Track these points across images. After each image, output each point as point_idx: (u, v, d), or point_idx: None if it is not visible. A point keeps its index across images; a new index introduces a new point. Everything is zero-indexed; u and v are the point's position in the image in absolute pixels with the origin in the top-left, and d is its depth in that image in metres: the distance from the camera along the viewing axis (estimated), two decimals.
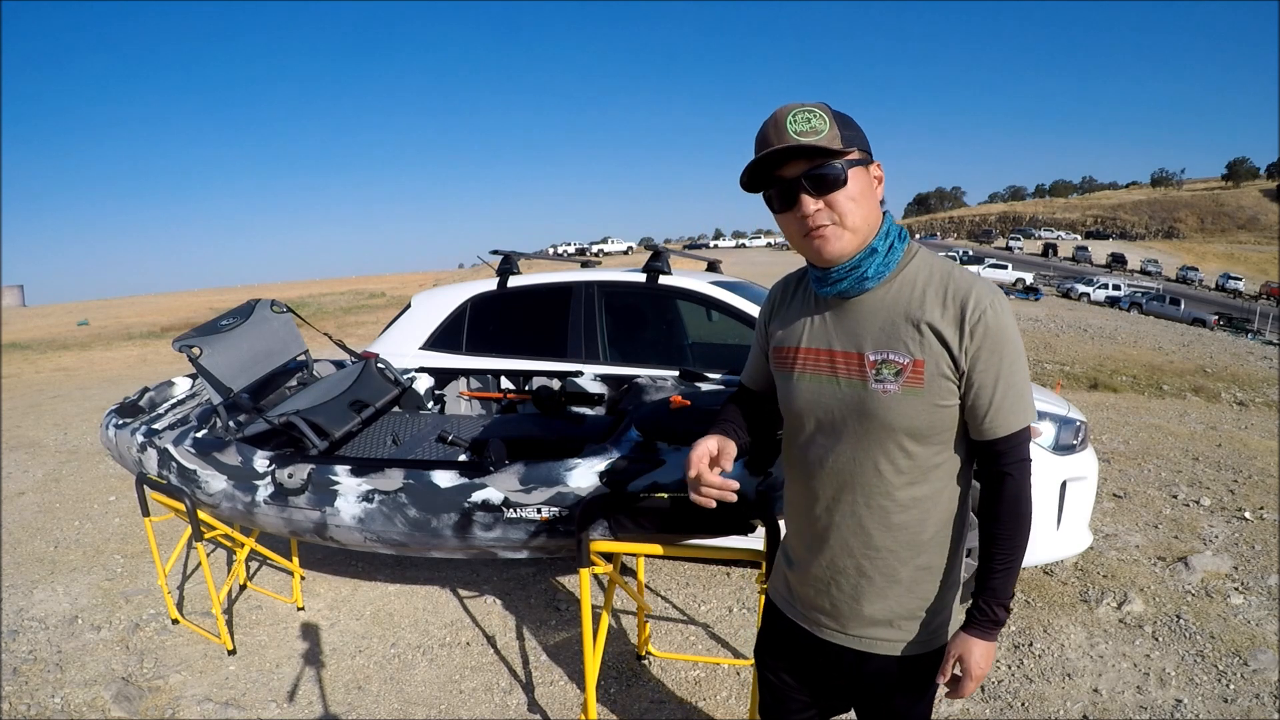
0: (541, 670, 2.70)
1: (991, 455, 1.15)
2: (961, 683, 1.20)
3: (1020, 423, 1.13)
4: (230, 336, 2.73)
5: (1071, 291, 33.23)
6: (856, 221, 1.14)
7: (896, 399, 1.12)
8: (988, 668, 1.20)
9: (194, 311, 29.35)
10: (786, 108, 1.12)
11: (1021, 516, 1.16)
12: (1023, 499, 1.16)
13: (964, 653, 1.19)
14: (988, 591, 1.18)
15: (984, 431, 1.14)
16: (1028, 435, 1.16)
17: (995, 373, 1.11)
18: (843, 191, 1.12)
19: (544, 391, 3.15)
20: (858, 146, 1.13)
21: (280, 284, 67.30)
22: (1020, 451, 1.15)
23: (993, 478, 1.16)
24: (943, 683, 1.22)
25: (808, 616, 1.31)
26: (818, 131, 1.09)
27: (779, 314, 1.32)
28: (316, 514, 2.22)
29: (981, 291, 1.11)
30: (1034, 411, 1.15)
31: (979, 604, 1.19)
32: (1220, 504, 4.33)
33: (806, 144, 1.09)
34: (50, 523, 4.25)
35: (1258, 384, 11.92)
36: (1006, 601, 1.18)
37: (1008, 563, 1.16)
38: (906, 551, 1.19)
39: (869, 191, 1.15)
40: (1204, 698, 2.49)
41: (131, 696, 2.57)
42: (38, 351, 17.86)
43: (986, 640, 1.18)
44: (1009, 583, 1.17)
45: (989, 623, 1.18)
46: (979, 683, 1.21)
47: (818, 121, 1.10)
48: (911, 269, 1.17)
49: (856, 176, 1.13)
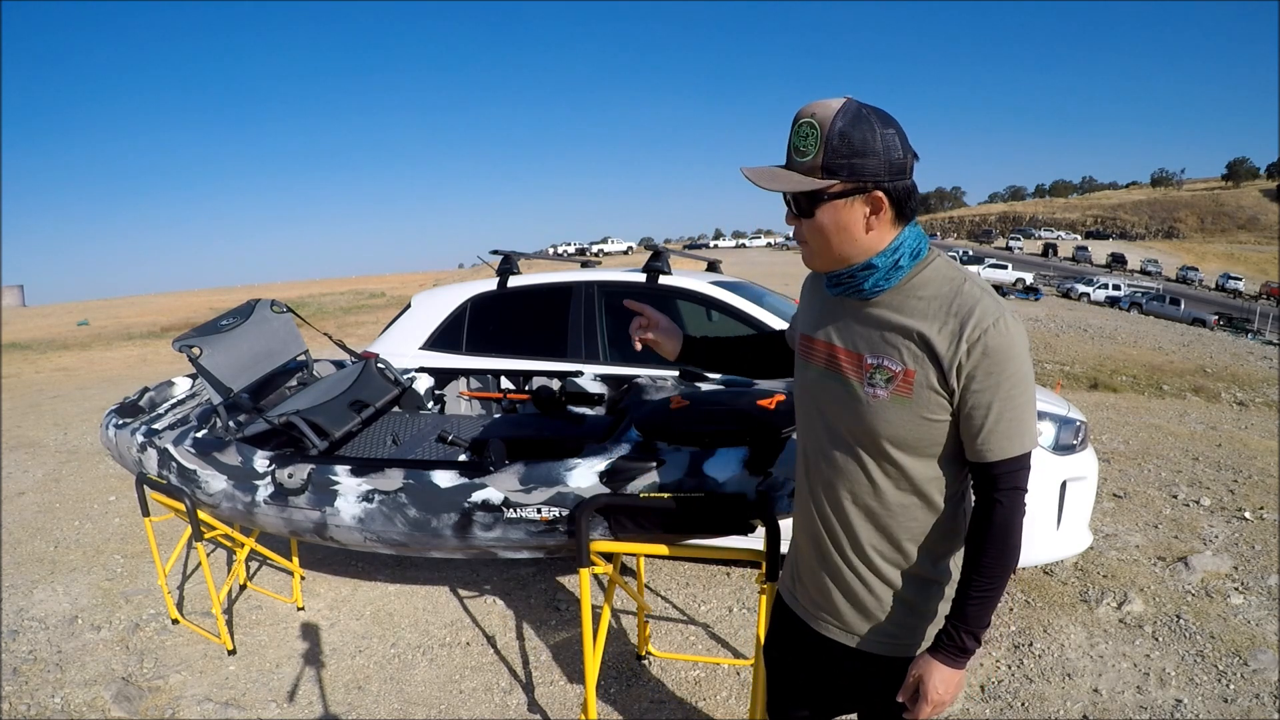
0: (541, 670, 2.70)
1: (984, 479, 1.12)
2: (918, 705, 1.15)
3: (1015, 450, 1.09)
4: (230, 336, 2.72)
5: (1071, 291, 33.23)
6: (823, 249, 1.14)
7: (884, 405, 1.12)
8: (948, 696, 1.13)
9: (194, 311, 29.35)
10: (806, 110, 1.09)
11: (1007, 547, 1.10)
12: (1011, 530, 1.10)
13: (924, 674, 1.14)
14: (961, 617, 1.12)
15: (976, 454, 1.10)
16: (1024, 464, 1.10)
17: (991, 395, 1.06)
18: (809, 223, 1.12)
19: (544, 391, 3.15)
20: (844, 177, 1.07)
21: (280, 284, 67.30)
22: (1014, 480, 1.10)
23: (983, 503, 1.12)
24: (902, 700, 1.18)
25: (810, 612, 1.32)
26: (805, 155, 1.08)
27: (806, 300, 1.34)
28: (316, 514, 2.22)
29: (986, 310, 1.06)
30: (1033, 439, 1.10)
31: (948, 628, 1.14)
32: (1220, 504, 4.33)
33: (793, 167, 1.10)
34: (50, 523, 4.25)
35: (1258, 384, 11.92)
36: (978, 631, 1.12)
37: (986, 591, 1.11)
38: (897, 555, 1.19)
39: (847, 226, 1.10)
40: (1204, 698, 2.49)
41: (131, 696, 2.57)
42: (38, 351, 17.86)
43: (949, 666, 1.13)
44: (984, 612, 1.12)
45: (955, 649, 1.12)
46: (937, 710, 1.14)
47: (810, 144, 1.07)
48: (923, 277, 1.13)
49: (831, 211, 1.09)
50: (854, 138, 1.06)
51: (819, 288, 1.29)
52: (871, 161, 1.06)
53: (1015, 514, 1.11)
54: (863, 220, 1.10)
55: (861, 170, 1.07)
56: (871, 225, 1.11)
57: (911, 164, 1.11)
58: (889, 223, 1.11)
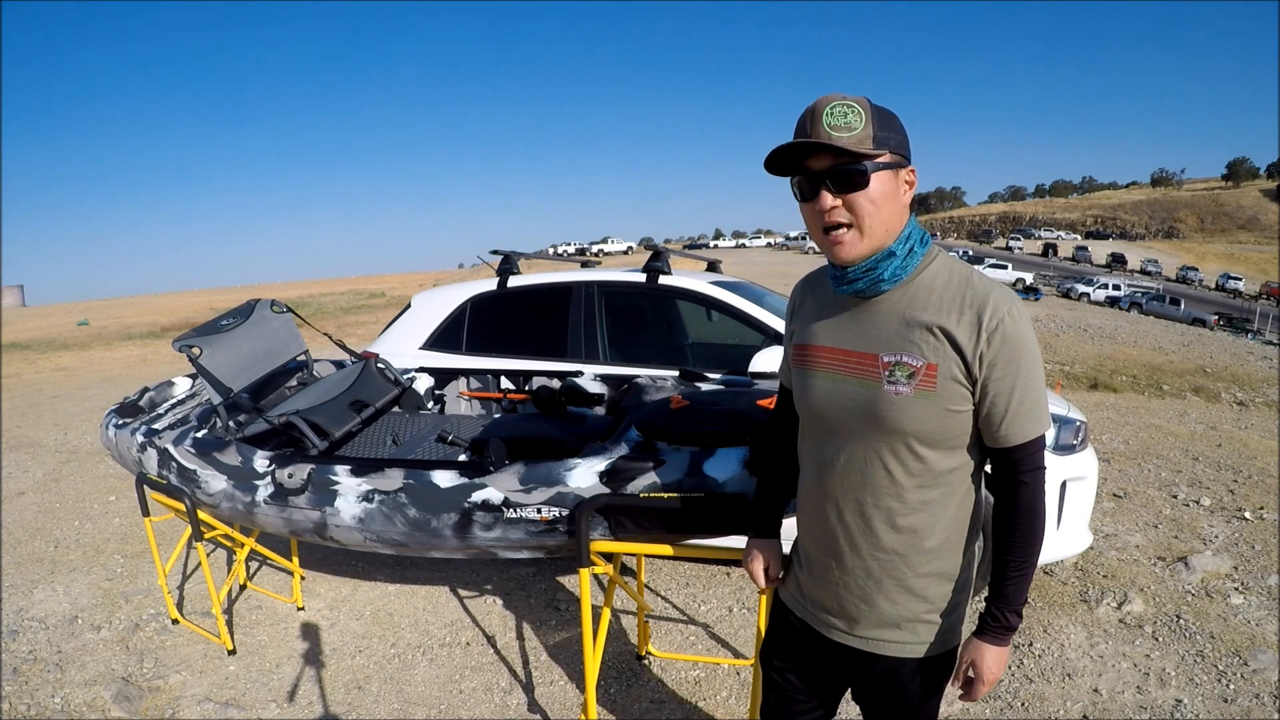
0: (541, 670, 2.70)
1: (1006, 463, 1.15)
2: (974, 686, 1.22)
3: (1035, 431, 1.13)
4: (230, 336, 2.72)
5: (1071, 291, 33.22)
6: (873, 225, 1.12)
7: (908, 401, 1.12)
8: (999, 672, 1.21)
9: (194, 311, 29.35)
10: (827, 98, 1.10)
11: (1035, 524, 1.16)
12: (1037, 507, 1.16)
13: (976, 658, 1.21)
14: (1001, 598, 1.19)
15: (999, 439, 1.14)
16: (1042, 443, 1.16)
17: (1012, 381, 1.10)
18: (863, 193, 1.11)
19: (544, 391, 3.15)
20: (891, 149, 1.11)
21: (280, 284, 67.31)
22: (1035, 460, 1.15)
23: (1007, 486, 1.17)
24: (955, 686, 1.24)
25: (817, 617, 1.31)
26: (851, 128, 1.08)
27: (799, 313, 1.33)
28: (316, 514, 2.22)
29: (1000, 298, 1.10)
30: (1049, 419, 1.15)
31: (991, 610, 1.20)
32: (1220, 504, 4.33)
33: (833, 142, 1.08)
34: (50, 523, 4.25)
35: (1258, 384, 11.91)
36: (1019, 608, 1.19)
37: (1021, 569, 1.17)
38: (915, 555, 1.19)
39: (893, 197, 1.13)
40: (1204, 698, 2.49)
41: (131, 696, 2.57)
42: (38, 351, 17.86)
43: (998, 646, 1.20)
44: (1022, 590, 1.18)
45: (1001, 629, 1.19)
46: (990, 687, 1.22)
47: (854, 118, 1.09)
48: (930, 272, 1.15)
49: (881, 180, 1.11)
50: (889, 118, 1.13)
51: (813, 296, 1.30)
52: (904, 141, 1.15)
53: (1039, 492, 1.16)
54: (902, 194, 1.15)
55: (901, 146, 1.14)
56: (904, 202, 1.16)
57: None
58: (908, 206, 1.17)
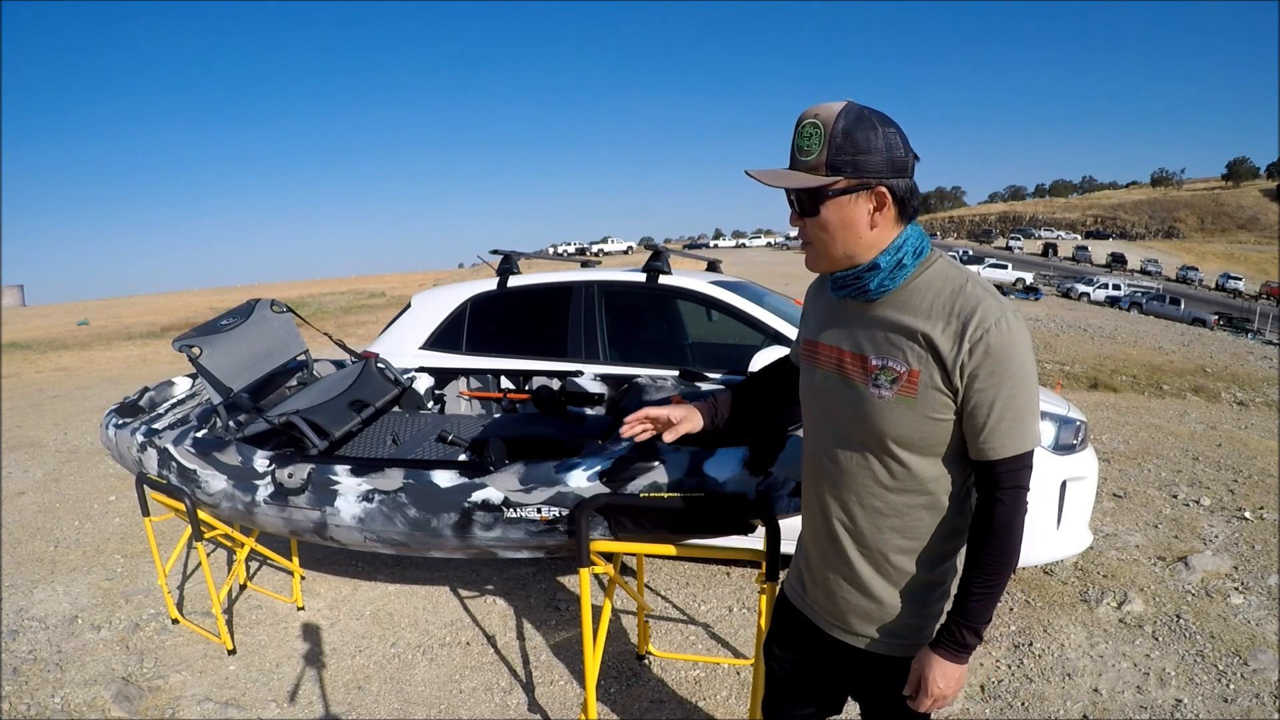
0: (541, 670, 2.70)
1: (987, 478, 1.13)
2: (919, 699, 1.17)
3: (1016, 448, 1.10)
4: (230, 336, 2.72)
5: (1071, 291, 33.22)
6: (827, 248, 1.15)
7: (889, 406, 1.13)
8: (950, 690, 1.16)
9: (194, 311, 29.35)
10: (808, 113, 1.11)
11: (1008, 545, 1.12)
12: (1013, 529, 1.11)
13: (925, 669, 1.17)
14: (961, 613, 1.15)
15: (978, 452, 1.11)
16: (1026, 462, 1.11)
17: (993, 394, 1.07)
18: (814, 220, 1.13)
19: (544, 391, 3.15)
20: (850, 172, 1.08)
21: (280, 284, 67.30)
22: (1016, 479, 1.11)
23: (984, 501, 1.14)
24: (907, 694, 1.20)
25: (816, 612, 1.33)
26: (809, 153, 1.10)
27: (810, 307, 1.35)
28: (316, 514, 2.22)
29: (989, 310, 1.07)
30: (1036, 439, 1.12)
31: (949, 624, 1.16)
32: (1220, 504, 4.33)
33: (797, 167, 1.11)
34: (50, 523, 4.25)
35: (1258, 384, 11.92)
36: (978, 627, 1.14)
37: (986, 588, 1.13)
38: (901, 556, 1.19)
39: (850, 223, 1.11)
40: (1204, 698, 2.49)
41: (131, 696, 2.57)
42: (38, 351, 17.86)
43: (951, 661, 1.15)
44: (985, 609, 1.14)
45: (955, 644, 1.15)
46: (939, 704, 1.17)
47: (815, 141, 1.09)
48: (925, 279, 1.14)
49: (836, 207, 1.11)
50: (856, 135, 1.08)
51: (823, 293, 1.30)
52: (874, 158, 1.08)
53: (1017, 513, 1.12)
54: (867, 217, 1.12)
55: (865, 166, 1.08)
56: (875, 222, 1.12)
57: (913, 163, 1.13)
58: (892, 220, 1.13)
